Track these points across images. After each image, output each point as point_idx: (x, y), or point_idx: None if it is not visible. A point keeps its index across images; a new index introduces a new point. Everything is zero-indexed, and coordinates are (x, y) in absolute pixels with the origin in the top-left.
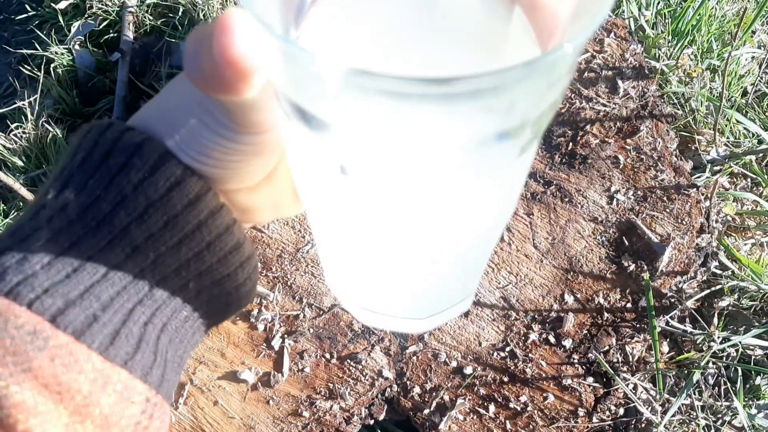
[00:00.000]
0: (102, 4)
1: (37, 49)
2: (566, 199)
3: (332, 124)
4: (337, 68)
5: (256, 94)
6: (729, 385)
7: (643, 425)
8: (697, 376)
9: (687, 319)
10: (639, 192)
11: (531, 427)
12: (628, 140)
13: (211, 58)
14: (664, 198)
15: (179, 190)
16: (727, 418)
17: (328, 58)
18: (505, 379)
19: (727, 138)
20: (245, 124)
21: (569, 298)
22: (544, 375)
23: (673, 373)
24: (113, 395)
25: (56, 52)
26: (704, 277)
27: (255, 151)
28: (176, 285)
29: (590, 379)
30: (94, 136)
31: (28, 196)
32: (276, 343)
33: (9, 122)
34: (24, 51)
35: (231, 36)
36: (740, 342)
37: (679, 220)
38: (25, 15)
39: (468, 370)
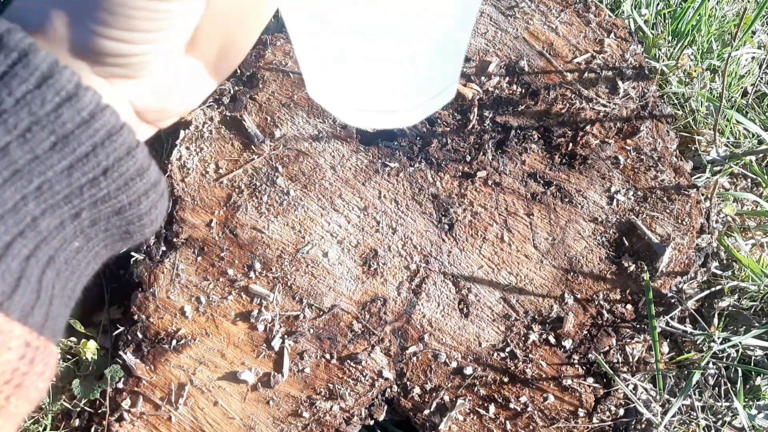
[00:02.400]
0: None
1: None
2: (566, 200)
3: None
4: None
5: None
6: (729, 385)
7: (643, 426)
8: (697, 376)
9: (687, 320)
10: (639, 192)
11: (531, 427)
12: (628, 141)
13: None
14: (664, 198)
15: (71, 106)
16: (728, 419)
17: None
18: (505, 380)
19: (727, 138)
20: None
21: (569, 299)
22: (544, 375)
23: (673, 373)
24: None
25: None
26: (704, 278)
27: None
28: (66, 214)
29: (590, 380)
30: None
31: None
32: (276, 343)
33: None
34: None
35: None
36: (740, 342)
37: (679, 221)
38: None
39: (468, 371)
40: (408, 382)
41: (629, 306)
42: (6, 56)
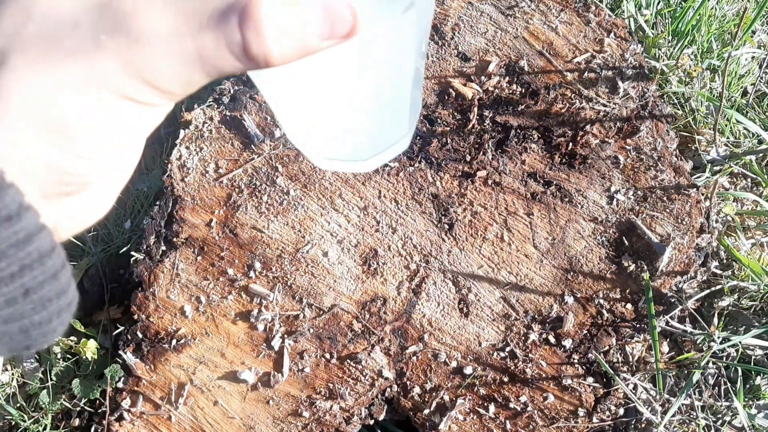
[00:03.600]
0: None
1: None
2: (566, 199)
3: None
4: None
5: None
6: (729, 385)
7: (643, 425)
8: (697, 376)
9: (687, 319)
10: (639, 192)
11: (531, 427)
12: (628, 140)
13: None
14: (664, 198)
15: (9, 226)
16: (727, 418)
17: None
18: (505, 380)
19: (727, 138)
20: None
21: (569, 298)
22: (544, 375)
23: (673, 373)
24: None
25: None
26: (704, 277)
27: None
28: None
29: (590, 379)
30: None
31: None
32: (276, 343)
33: None
34: None
35: None
36: (740, 342)
37: (679, 220)
38: None
39: (468, 370)
40: (408, 382)
41: (629, 306)
42: None
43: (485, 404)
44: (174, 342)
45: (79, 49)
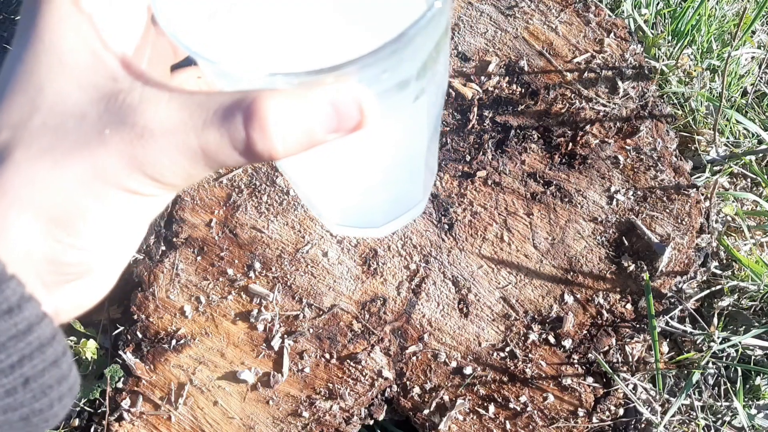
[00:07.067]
0: None
1: None
2: (566, 200)
3: None
4: (253, 74)
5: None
6: (729, 385)
7: (642, 425)
8: (696, 376)
9: (687, 320)
10: (639, 192)
11: (531, 427)
12: (628, 140)
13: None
14: (664, 198)
15: (9, 318)
16: (727, 419)
17: (244, 69)
18: (505, 380)
19: (727, 138)
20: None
21: (569, 299)
22: (543, 375)
23: (673, 373)
24: None
25: None
26: (704, 278)
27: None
28: None
29: (590, 380)
30: None
31: None
32: (276, 343)
33: None
34: None
35: None
36: (740, 342)
37: (679, 221)
38: None
39: (468, 371)
40: (408, 382)
41: (629, 306)
42: None
43: (485, 404)
44: (174, 342)
45: (84, 144)
